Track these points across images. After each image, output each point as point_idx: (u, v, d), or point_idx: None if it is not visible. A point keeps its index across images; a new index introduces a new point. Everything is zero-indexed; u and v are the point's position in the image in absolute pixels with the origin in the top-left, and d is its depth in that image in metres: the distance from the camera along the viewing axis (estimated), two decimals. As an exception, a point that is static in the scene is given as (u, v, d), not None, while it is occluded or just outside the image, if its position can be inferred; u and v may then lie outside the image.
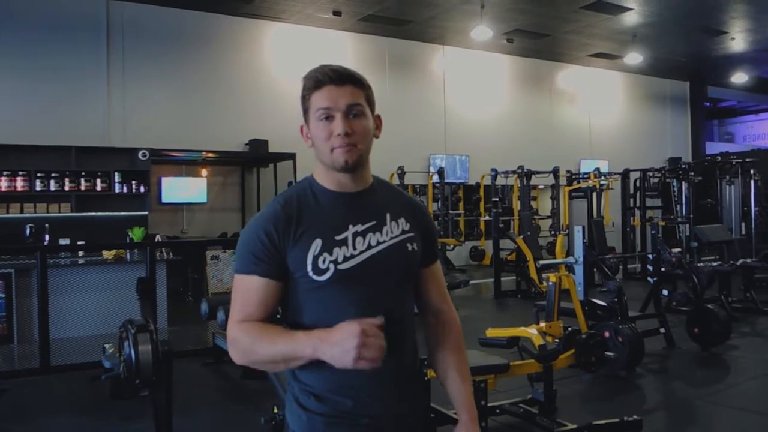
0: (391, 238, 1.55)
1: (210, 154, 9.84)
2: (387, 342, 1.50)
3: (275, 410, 3.47)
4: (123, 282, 6.62)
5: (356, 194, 1.56)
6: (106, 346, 4.60)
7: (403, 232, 1.57)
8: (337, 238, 1.49)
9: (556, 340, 4.21)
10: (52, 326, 5.61)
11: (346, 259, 1.48)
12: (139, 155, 8.82)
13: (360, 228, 1.52)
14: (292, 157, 9.79)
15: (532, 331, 4.19)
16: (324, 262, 1.47)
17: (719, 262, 7.64)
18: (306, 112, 1.54)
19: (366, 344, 1.34)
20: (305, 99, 1.53)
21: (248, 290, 1.50)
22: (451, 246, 11.91)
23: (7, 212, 8.19)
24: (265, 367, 1.51)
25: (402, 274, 1.57)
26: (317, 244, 1.48)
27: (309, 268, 1.47)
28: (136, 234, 7.74)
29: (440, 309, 1.68)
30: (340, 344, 1.35)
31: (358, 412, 1.48)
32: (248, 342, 1.44)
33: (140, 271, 6.56)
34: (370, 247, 1.51)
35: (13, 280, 6.57)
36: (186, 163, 10.23)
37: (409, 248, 1.57)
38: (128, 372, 3.70)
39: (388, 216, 1.57)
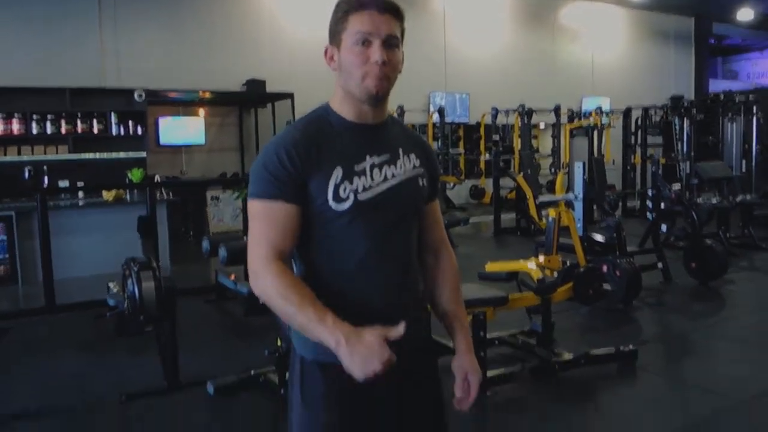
0: (405, 173, 1.55)
1: (207, 94, 9.72)
2: (396, 275, 1.54)
3: (279, 343, 3.53)
4: (124, 223, 6.66)
5: (373, 126, 1.54)
6: (110, 284, 4.66)
7: (415, 167, 1.57)
8: (357, 168, 1.48)
9: (555, 274, 4.26)
10: (56, 267, 5.65)
11: (365, 189, 1.47)
12: (135, 96, 8.71)
13: (377, 160, 1.51)
14: (290, 96, 9.69)
15: (531, 265, 4.23)
16: (345, 191, 1.45)
17: (718, 199, 7.65)
18: (338, 33, 1.48)
19: (383, 370, 1.31)
20: (341, 20, 1.47)
21: (272, 218, 1.43)
22: (452, 184, 11.91)
23: (5, 155, 8.14)
24: (278, 315, 1.44)
25: (413, 209, 1.59)
26: (338, 172, 1.46)
27: (330, 196, 1.45)
28: (135, 175, 7.73)
29: (439, 248, 1.70)
30: (364, 358, 1.31)
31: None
32: (275, 292, 1.39)
33: (141, 211, 6.59)
34: (386, 179, 1.51)
35: (14, 223, 6.60)
36: (183, 104, 10.11)
37: (420, 183, 1.58)
38: (132, 308, 3.75)
39: (400, 150, 1.56)
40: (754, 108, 11.26)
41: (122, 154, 8.67)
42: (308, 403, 1.50)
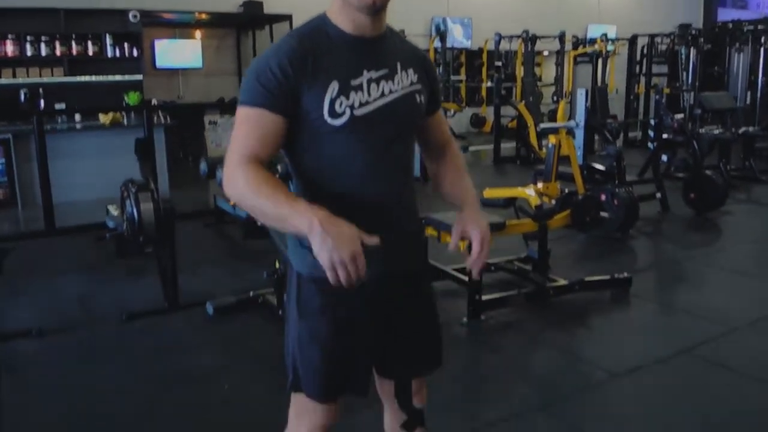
0: (402, 89, 1.51)
1: (203, 15, 9.48)
2: (392, 192, 1.52)
3: (277, 265, 3.57)
4: (122, 147, 6.60)
5: (371, 39, 1.50)
6: (110, 207, 4.68)
7: (412, 83, 1.54)
8: (353, 82, 1.44)
9: (553, 201, 4.26)
10: (54, 191, 5.65)
11: (361, 105, 1.44)
12: (130, 16, 8.50)
13: (374, 75, 1.47)
14: (288, 18, 9.45)
15: (529, 192, 4.23)
16: (341, 105, 1.43)
17: (721, 130, 7.58)
18: None
19: (352, 263, 1.27)
20: None
21: (254, 125, 1.41)
22: (452, 112, 11.76)
23: (0, 77, 8.03)
24: (254, 215, 1.43)
25: (409, 126, 1.57)
26: (334, 86, 1.42)
27: (325, 110, 1.42)
28: (132, 98, 7.63)
29: (444, 145, 1.71)
30: (335, 243, 1.26)
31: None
32: (248, 189, 1.36)
33: (138, 135, 6.52)
34: (383, 95, 1.48)
35: (12, 146, 6.56)
36: (179, 26, 9.87)
37: (417, 100, 1.55)
38: (131, 230, 3.77)
39: (398, 65, 1.53)
40: (762, 38, 11.02)
41: (118, 77, 8.53)
42: (304, 316, 1.52)
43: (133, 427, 2.65)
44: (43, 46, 8.18)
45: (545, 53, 13.33)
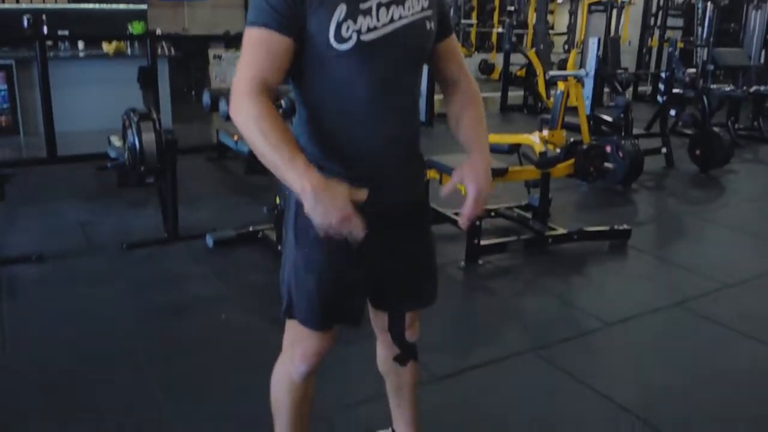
0: (412, 14, 1.46)
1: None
2: (397, 122, 1.49)
3: (277, 200, 3.57)
4: (125, 78, 6.53)
5: None
6: (111, 137, 4.64)
7: (423, 9, 1.49)
8: (362, 6, 1.40)
9: (558, 149, 4.23)
10: (57, 119, 5.62)
11: (369, 30, 1.40)
12: (136, -57, 8.30)
13: None
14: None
15: (534, 139, 4.19)
16: (347, 30, 1.38)
17: (732, 88, 7.47)
18: None
19: (343, 225, 1.29)
20: None
21: (262, 47, 1.38)
22: (461, 57, 11.59)
23: (3, 2, 7.88)
24: (251, 147, 1.39)
25: (419, 53, 1.53)
26: (342, 9, 1.38)
27: (331, 34, 1.38)
28: (136, 28, 7.52)
29: (459, 78, 1.65)
30: (325, 208, 1.28)
31: (361, 177, 1.49)
32: (250, 121, 1.34)
33: (141, 65, 6.44)
34: (392, 20, 1.43)
35: (14, 72, 6.49)
36: (186, -45, 9.67)
37: (427, 27, 1.51)
38: (133, 160, 3.76)
39: None
40: (783, -5, 10.74)
41: (122, 6, 8.38)
42: (301, 244, 1.52)
43: (131, 351, 2.70)
44: (46, -30, 8.01)
45: (559, 0, 13.06)
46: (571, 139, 4.45)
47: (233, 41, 8.92)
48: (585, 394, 2.52)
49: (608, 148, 4.91)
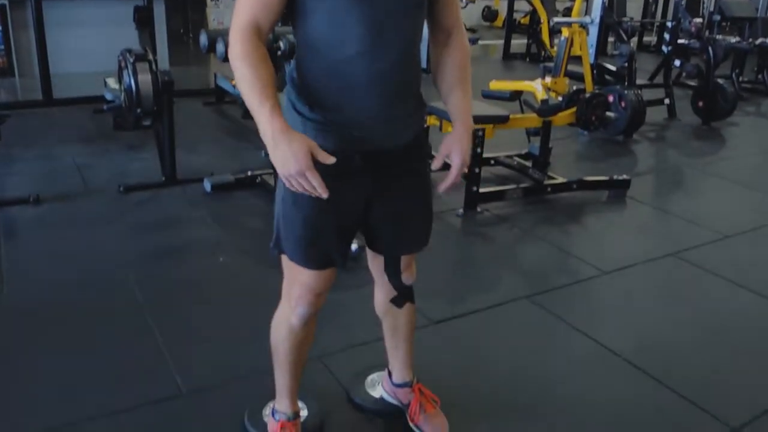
0: None
1: None
2: (392, 69, 1.46)
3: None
4: (122, 18, 6.39)
5: None
6: (108, 79, 4.57)
7: None
8: None
9: (560, 97, 4.18)
10: (52, 62, 5.53)
11: None
12: None
13: None
14: None
15: (536, 86, 4.14)
16: None
17: (738, 39, 7.34)
18: None
19: (299, 179, 1.32)
20: None
21: None
22: (464, 2, 11.33)
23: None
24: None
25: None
26: None
27: None
28: (132, -33, 7.30)
29: (451, 30, 1.62)
30: (284, 160, 1.31)
31: (351, 120, 1.48)
32: (239, 59, 1.36)
33: (138, 4, 6.30)
34: None
35: (8, 12, 6.35)
36: None
37: None
38: (129, 101, 3.71)
39: None
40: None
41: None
42: None
43: (129, 292, 2.71)
44: None
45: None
46: (574, 88, 4.38)
47: (231, -17, 8.65)
48: (578, 339, 2.55)
49: (611, 98, 4.85)
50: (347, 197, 1.53)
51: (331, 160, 1.34)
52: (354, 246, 2.85)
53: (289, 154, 1.30)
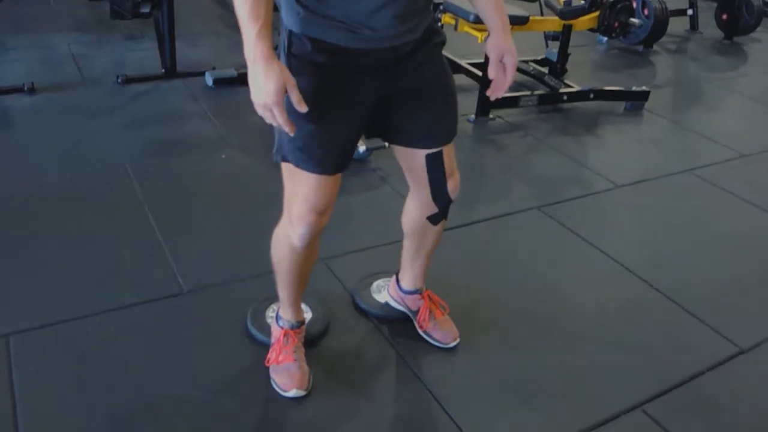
0: None
1: None
2: None
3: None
4: None
5: None
6: (103, -37, 4.32)
7: None
8: None
9: (582, 0, 3.95)
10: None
11: None
12: None
13: None
14: None
15: (558, -13, 3.90)
16: None
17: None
18: None
19: (265, 111, 1.27)
20: None
21: None
22: None
23: None
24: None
25: None
26: None
27: None
28: None
29: None
30: (256, 87, 1.26)
31: (359, 23, 1.36)
32: None
33: None
34: None
35: None
36: None
37: None
38: (126, -13, 3.50)
39: None
40: None
41: None
42: (295, 67, 1.38)
43: (128, 185, 2.63)
44: None
45: None
46: (598, -10, 4.14)
47: None
48: (589, 251, 2.49)
49: (634, 4, 4.60)
50: (355, 96, 1.44)
51: (303, 108, 1.28)
52: (362, 148, 2.76)
53: (261, 84, 1.25)
